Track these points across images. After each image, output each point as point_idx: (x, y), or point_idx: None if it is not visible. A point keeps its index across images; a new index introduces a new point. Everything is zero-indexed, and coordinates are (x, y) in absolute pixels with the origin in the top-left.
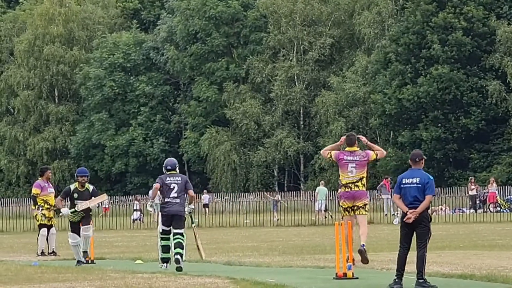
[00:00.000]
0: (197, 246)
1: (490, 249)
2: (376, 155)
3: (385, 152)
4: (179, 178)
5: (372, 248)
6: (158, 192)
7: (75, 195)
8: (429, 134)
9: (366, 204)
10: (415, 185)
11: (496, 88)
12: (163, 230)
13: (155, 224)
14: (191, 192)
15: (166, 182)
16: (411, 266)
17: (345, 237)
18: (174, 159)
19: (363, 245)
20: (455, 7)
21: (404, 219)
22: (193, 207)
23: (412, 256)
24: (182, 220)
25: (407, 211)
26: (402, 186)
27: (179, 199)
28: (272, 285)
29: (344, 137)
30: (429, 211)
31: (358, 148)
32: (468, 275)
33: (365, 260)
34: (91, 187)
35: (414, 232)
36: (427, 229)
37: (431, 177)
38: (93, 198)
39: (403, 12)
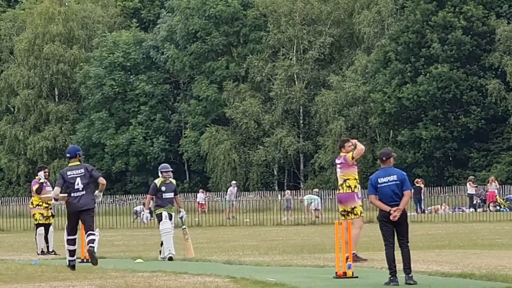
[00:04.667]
0: (188, 245)
1: (489, 248)
2: (352, 154)
3: (361, 149)
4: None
5: (371, 247)
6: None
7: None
8: (429, 133)
9: (355, 207)
10: (393, 182)
11: (495, 87)
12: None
13: (153, 223)
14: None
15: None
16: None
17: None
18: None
19: (353, 254)
20: (455, 6)
21: (391, 217)
22: (184, 211)
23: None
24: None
25: (389, 210)
26: (378, 185)
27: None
28: (272, 284)
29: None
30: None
31: (345, 153)
32: (467, 274)
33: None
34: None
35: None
36: (407, 226)
37: (405, 173)
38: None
39: (403, 11)
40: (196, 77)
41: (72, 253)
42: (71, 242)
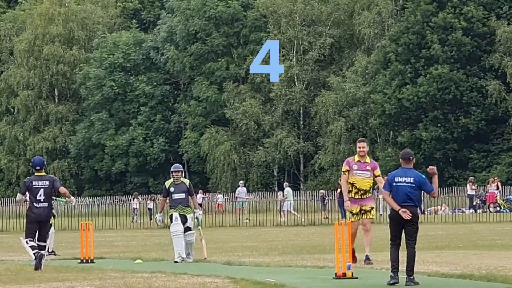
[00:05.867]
0: (202, 246)
1: (489, 249)
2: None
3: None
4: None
5: (372, 248)
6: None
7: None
8: (429, 134)
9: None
10: (409, 184)
11: (495, 88)
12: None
13: (153, 224)
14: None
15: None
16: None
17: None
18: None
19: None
20: (455, 7)
21: (403, 216)
22: (201, 212)
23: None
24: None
25: (398, 209)
26: (394, 184)
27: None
28: (271, 284)
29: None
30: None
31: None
32: (467, 275)
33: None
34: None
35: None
36: (417, 227)
37: (424, 176)
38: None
39: (403, 12)
40: (196, 78)
41: (34, 247)
42: (33, 247)
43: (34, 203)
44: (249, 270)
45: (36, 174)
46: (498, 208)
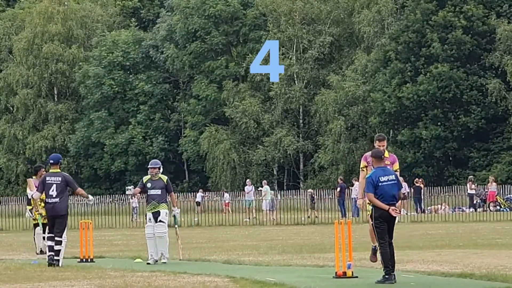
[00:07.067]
0: (178, 246)
1: (489, 248)
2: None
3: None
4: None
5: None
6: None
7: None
8: (429, 133)
9: None
10: (392, 182)
11: (496, 86)
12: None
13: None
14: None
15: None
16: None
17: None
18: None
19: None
20: (455, 5)
21: (392, 213)
22: (178, 210)
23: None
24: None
25: (388, 209)
26: (379, 184)
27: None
28: (271, 284)
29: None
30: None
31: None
32: (467, 274)
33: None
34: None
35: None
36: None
37: None
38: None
39: (403, 11)
40: (195, 76)
41: (50, 248)
42: (50, 238)
43: (47, 198)
44: (249, 269)
45: (51, 170)
46: (498, 207)
